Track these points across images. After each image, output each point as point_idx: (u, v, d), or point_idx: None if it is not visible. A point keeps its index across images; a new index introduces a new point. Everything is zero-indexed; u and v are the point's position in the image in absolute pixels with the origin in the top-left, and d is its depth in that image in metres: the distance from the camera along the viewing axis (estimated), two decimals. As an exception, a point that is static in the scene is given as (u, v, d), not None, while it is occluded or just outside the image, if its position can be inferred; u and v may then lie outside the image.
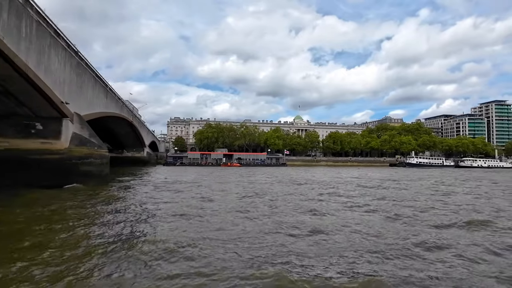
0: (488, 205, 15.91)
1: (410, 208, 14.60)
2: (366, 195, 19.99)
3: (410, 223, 11.20)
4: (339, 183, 30.64)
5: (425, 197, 19.11)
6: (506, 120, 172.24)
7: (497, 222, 11.53)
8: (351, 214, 12.96)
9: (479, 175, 50.84)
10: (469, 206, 15.53)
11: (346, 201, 16.70)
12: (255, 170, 60.42)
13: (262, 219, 11.53)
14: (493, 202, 17.14)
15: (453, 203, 16.43)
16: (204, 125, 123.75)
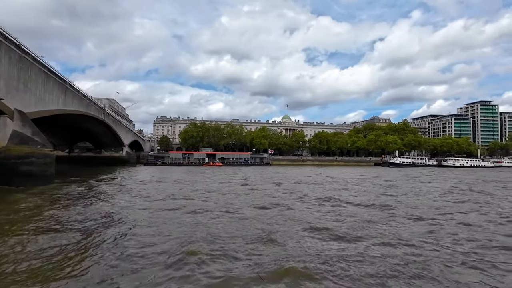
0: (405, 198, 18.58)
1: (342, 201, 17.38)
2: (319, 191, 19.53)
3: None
4: (306, 182, 30.07)
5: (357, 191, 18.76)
6: (491, 120, 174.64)
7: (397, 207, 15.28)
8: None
9: (450, 175, 50.90)
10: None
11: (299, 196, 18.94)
12: (235, 170, 59.50)
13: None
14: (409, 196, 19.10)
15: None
16: (189, 124, 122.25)
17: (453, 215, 13.73)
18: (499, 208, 16.35)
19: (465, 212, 14.94)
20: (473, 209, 15.85)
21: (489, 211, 15.23)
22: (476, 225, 12.04)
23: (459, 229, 11.14)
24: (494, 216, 14.06)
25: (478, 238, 10.07)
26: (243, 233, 10.04)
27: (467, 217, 13.55)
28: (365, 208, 15.73)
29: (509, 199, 20.40)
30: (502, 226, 11.95)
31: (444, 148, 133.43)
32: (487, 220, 13.09)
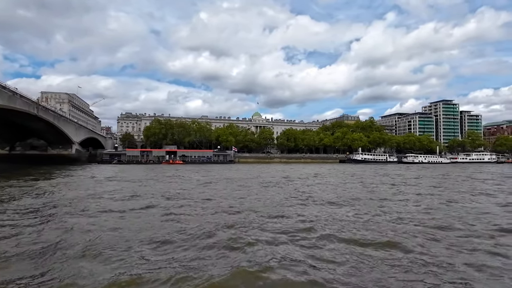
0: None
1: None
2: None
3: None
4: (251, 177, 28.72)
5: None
6: (452, 118, 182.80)
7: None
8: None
9: (396, 171, 51.69)
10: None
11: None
12: (192, 168, 57.09)
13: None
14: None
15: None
16: (152, 120, 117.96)
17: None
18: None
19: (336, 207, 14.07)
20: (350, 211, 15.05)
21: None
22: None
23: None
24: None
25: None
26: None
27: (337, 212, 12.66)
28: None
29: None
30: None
31: (407, 145, 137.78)
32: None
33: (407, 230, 10.28)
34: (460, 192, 22.04)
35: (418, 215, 13.13)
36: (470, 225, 11.22)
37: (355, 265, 7.15)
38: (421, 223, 11.36)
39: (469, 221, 11.97)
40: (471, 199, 18.12)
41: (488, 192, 21.71)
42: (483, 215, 13.18)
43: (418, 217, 12.57)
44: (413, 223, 11.42)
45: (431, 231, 10.29)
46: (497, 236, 9.87)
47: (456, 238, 9.51)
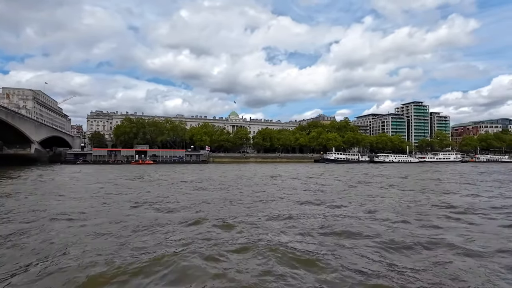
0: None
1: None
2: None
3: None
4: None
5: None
6: (422, 119, 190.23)
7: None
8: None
9: (360, 170, 52.56)
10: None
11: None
12: (159, 169, 55.12)
13: None
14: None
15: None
16: (123, 119, 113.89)
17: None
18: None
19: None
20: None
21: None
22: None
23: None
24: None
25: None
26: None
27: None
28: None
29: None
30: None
31: (380, 145, 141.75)
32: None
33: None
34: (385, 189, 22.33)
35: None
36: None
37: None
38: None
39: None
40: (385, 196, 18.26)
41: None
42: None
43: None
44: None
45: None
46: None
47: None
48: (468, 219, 12.26)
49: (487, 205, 15.73)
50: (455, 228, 10.75)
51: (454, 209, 14.27)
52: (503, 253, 8.11)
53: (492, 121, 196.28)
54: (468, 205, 15.37)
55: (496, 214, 13.33)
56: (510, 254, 8.05)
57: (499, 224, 11.43)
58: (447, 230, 10.46)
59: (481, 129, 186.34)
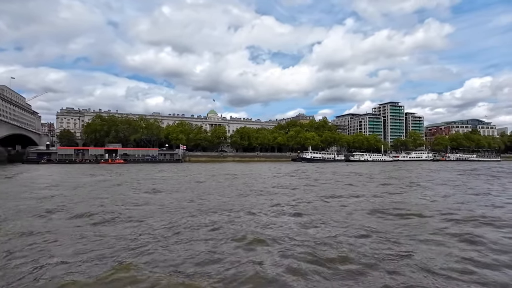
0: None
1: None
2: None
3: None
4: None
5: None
6: (398, 119, 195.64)
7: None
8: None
9: (332, 168, 52.66)
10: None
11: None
12: (129, 168, 52.60)
13: None
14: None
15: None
16: (94, 116, 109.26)
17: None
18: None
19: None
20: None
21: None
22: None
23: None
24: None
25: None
26: None
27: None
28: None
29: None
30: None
31: (356, 144, 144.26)
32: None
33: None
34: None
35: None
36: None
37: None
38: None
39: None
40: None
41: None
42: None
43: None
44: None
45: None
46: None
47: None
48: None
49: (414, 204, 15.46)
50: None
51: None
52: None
53: (463, 121, 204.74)
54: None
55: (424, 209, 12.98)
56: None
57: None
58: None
59: (452, 129, 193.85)
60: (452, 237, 9.26)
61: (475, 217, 11.90)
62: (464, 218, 11.80)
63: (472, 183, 27.58)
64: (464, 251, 7.91)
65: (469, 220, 11.44)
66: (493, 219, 11.69)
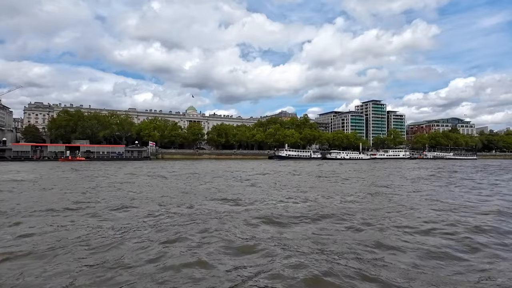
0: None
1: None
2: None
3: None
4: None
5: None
6: (380, 117, 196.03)
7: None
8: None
9: (299, 166, 50.52)
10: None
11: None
12: (84, 167, 49.06)
13: None
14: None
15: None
16: (60, 111, 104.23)
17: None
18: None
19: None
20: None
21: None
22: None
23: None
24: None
25: None
26: None
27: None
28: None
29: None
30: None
31: (336, 141, 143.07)
32: None
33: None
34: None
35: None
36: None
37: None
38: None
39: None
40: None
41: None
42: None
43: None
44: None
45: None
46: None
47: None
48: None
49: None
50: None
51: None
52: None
53: (444, 120, 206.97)
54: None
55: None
56: None
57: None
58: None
59: (433, 127, 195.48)
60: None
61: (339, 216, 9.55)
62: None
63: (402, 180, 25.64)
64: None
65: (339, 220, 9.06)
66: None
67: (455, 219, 10.91)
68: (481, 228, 9.57)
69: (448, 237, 8.66)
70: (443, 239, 8.46)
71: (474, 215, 11.70)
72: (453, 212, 12.34)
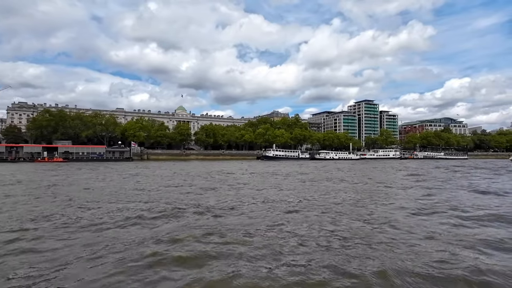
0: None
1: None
2: None
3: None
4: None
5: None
6: (373, 117, 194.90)
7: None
8: None
9: (281, 168, 48.77)
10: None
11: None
12: (59, 168, 46.93)
13: None
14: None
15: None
16: (41, 111, 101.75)
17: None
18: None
19: None
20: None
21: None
22: None
23: None
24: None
25: None
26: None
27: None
28: None
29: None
30: None
31: (327, 142, 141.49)
32: None
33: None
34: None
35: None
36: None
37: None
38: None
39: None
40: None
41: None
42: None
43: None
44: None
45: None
46: None
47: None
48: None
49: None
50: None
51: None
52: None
53: (436, 120, 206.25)
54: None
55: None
56: None
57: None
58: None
59: (426, 127, 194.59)
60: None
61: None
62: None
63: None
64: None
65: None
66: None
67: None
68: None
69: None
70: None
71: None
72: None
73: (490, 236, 8.63)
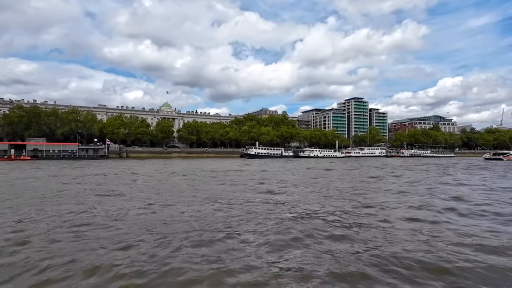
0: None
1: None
2: None
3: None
4: None
5: None
6: (362, 115, 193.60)
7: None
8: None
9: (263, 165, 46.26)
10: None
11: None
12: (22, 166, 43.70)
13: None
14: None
15: None
16: (14, 107, 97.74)
17: None
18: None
19: None
20: None
21: None
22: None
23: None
24: None
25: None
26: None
27: None
28: None
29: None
30: None
31: (313, 139, 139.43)
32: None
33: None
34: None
35: None
36: None
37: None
38: None
39: None
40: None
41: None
42: None
43: None
44: None
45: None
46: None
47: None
48: None
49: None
50: None
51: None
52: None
53: (426, 118, 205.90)
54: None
55: None
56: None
57: None
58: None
59: (415, 125, 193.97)
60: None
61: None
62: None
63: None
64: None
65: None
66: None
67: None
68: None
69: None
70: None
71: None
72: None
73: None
